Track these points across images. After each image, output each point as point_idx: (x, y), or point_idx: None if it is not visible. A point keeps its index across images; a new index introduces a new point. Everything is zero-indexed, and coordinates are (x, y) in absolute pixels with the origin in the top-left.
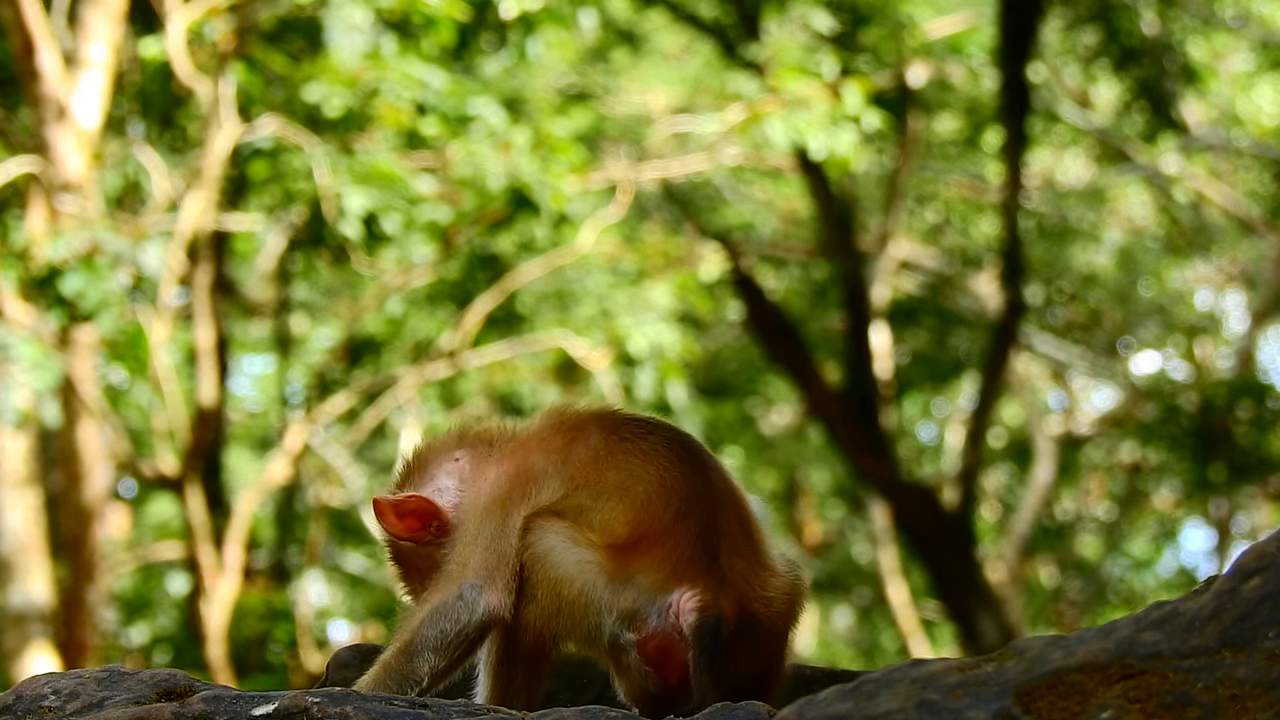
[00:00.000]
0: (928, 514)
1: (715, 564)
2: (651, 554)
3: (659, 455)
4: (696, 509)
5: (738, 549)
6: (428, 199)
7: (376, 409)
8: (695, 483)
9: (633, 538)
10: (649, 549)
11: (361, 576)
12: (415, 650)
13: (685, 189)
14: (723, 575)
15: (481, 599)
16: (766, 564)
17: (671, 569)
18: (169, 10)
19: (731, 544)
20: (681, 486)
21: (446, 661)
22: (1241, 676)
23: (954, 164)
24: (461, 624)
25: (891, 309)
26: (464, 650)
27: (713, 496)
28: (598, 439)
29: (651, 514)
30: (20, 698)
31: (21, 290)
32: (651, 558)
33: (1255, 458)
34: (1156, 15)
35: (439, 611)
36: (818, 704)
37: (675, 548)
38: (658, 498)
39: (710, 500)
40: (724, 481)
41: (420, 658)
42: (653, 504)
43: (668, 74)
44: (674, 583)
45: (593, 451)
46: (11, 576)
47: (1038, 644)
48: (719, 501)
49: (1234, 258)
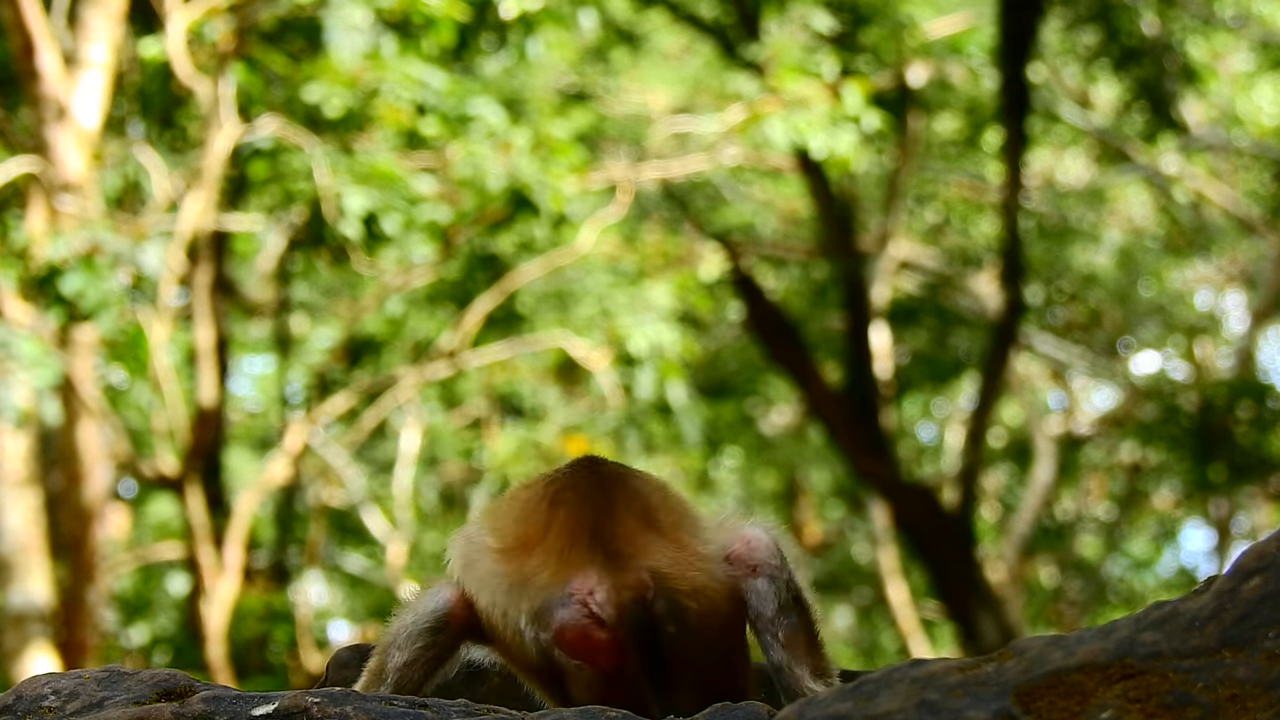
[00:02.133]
0: (928, 514)
1: (602, 542)
2: (538, 551)
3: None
4: (573, 496)
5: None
6: (428, 199)
7: (376, 409)
8: (574, 476)
9: (519, 542)
10: (534, 547)
11: (361, 576)
12: (385, 646)
13: (685, 189)
14: (613, 549)
15: (442, 593)
16: (669, 534)
17: (559, 559)
18: (169, 10)
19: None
20: (565, 488)
21: (407, 656)
22: (1241, 676)
23: (954, 164)
24: (419, 614)
25: (891, 309)
26: (424, 644)
27: (594, 481)
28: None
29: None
30: (20, 698)
31: (21, 290)
32: (539, 555)
33: (1255, 458)
34: (1156, 15)
35: (408, 609)
36: (818, 704)
37: (558, 538)
38: (540, 502)
39: (589, 485)
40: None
41: (387, 653)
42: (531, 507)
43: (668, 74)
44: (567, 571)
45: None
46: (11, 576)
47: (1038, 644)
48: (601, 484)
49: (1234, 258)
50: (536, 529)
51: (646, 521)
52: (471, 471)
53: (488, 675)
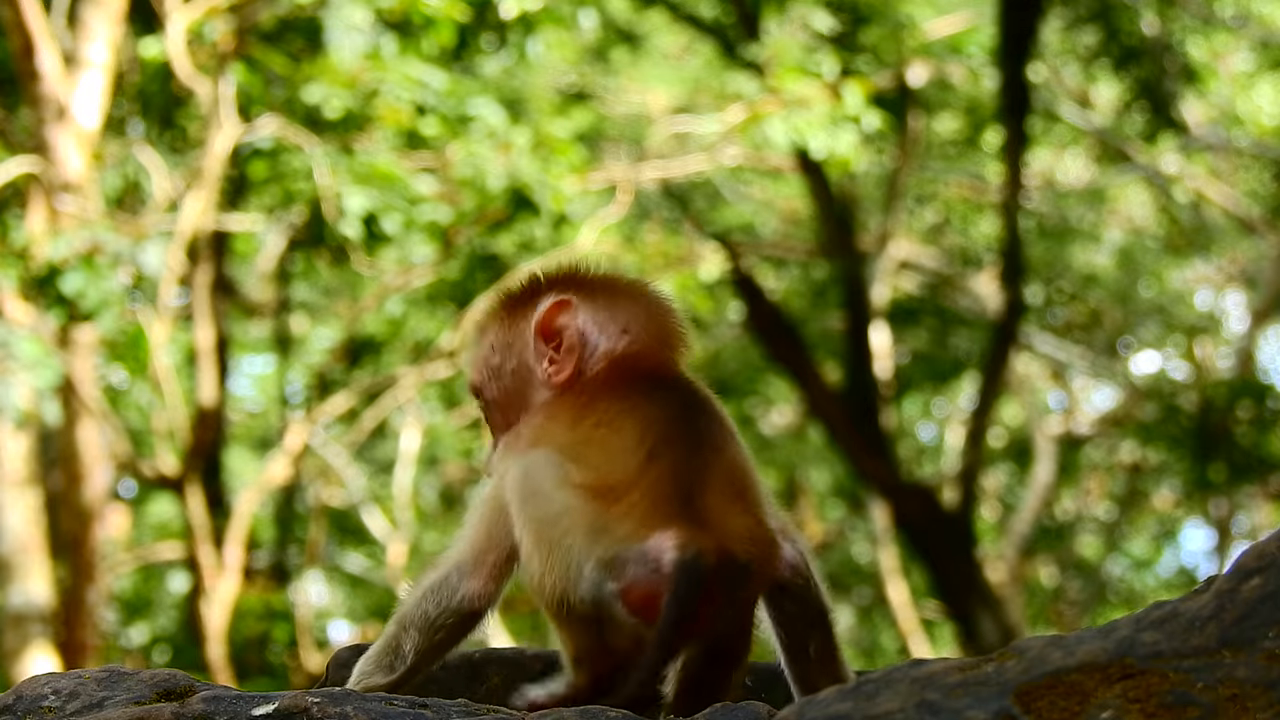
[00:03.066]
0: (928, 514)
1: (692, 505)
2: (625, 500)
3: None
4: (671, 451)
5: (719, 491)
6: (428, 199)
7: (376, 409)
8: (676, 427)
9: (605, 484)
10: (622, 495)
11: (361, 576)
12: (405, 624)
13: (685, 189)
14: (700, 516)
15: (462, 585)
16: (752, 511)
17: (646, 513)
18: (169, 10)
19: (712, 486)
20: (659, 431)
21: (429, 643)
22: (1241, 676)
23: (954, 164)
24: (442, 608)
25: (891, 309)
26: (446, 634)
27: (695, 439)
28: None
29: (624, 460)
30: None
31: (21, 290)
32: (625, 503)
33: (1255, 458)
34: (1156, 15)
35: (429, 591)
36: (818, 704)
37: (649, 491)
38: (633, 443)
39: (690, 443)
40: (714, 428)
41: (407, 633)
42: (626, 450)
43: (668, 74)
44: (650, 526)
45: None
46: (11, 576)
47: (1038, 644)
48: (701, 445)
49: (1234, 258)
50: (627, 475)
51: (734, 492)
52: (471, 471)
53: (488, 675)
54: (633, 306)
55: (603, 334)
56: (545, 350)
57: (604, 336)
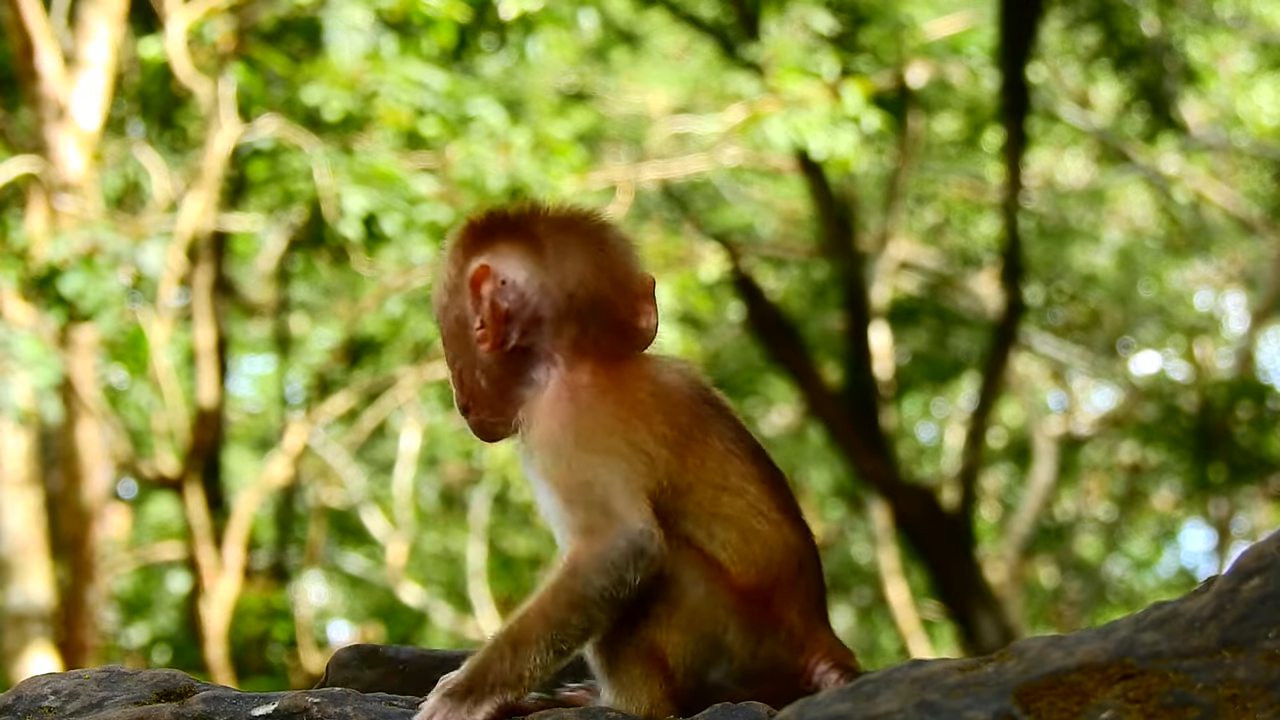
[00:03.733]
0: (928, 514)
1: (829, 628)
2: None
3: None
4: (812, 562)
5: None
6: (428, 199)
7: (376, 409)
8: (804, 529)
9: (763, 587)
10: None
11: (361, 576)
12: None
13: (685, 189)
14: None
15: (651, 546)
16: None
17: (802, 632)
18: (169, 10)
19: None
20: (798, 535)
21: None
22: (1241, 676)
23: (954, 164)
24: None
25: (891, 309)
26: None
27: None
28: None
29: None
30: (20, 698)
31: (21, 290)
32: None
33: (1255, 458)
34: (1156, 15)
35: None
36: (817, 704)
37: (803, 609)
38: (781, 546)
39: (815, 551)
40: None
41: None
42: (778, 552)
43: (668, 74)
44: (804, 649)
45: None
46: (11, 576)
47: (1038, 644)
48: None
49: (1234, 258)
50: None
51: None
52: (471, 471)
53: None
54: (589, 261)
55: (545, 299)
56: (478, 309)
57: (546, 303)
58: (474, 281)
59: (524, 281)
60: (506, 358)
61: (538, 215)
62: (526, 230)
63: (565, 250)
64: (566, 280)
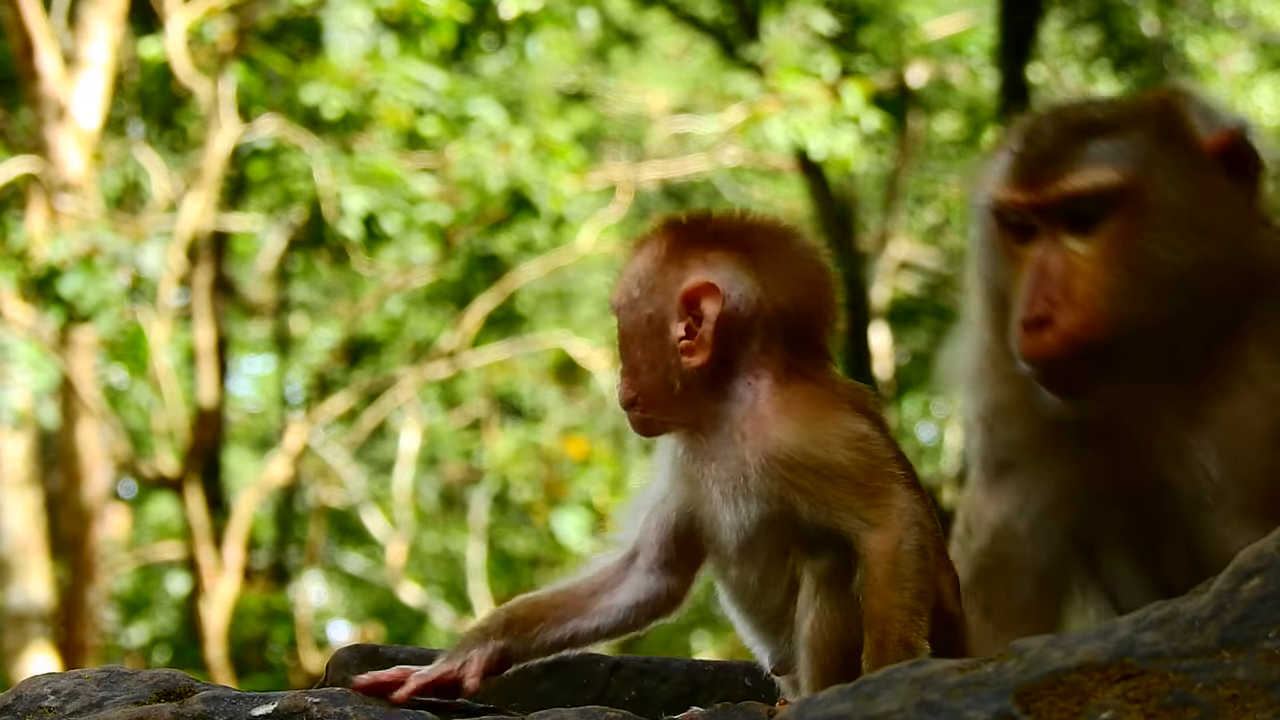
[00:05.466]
0: None
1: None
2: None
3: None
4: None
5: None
6: (428, 199)
7: (376, 409)
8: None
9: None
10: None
11: (361, 576)
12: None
13: (685, 189)
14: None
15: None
16: None
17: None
18: (169, 10)
19: None
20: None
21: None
22: (1241, 676)
23: (954, 164)
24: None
25: (891, 309)
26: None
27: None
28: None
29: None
30: (20, 698)
31: (21, 290)
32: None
33: None
34: (1156, 15)
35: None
36: (818, 704)
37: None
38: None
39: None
40: None
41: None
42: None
43: (668, 74)
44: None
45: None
46: (11, 576)
47: (1038, 644)
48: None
49: None
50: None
51: None
52: (471, 471)
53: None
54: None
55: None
56: (685, 318)
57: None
58: (692, 294)
59: (740, 297)
60: (706, 368)
61: (748, 225)
62: (741, 242)
63: (780, 266)
64: (780, 297)
